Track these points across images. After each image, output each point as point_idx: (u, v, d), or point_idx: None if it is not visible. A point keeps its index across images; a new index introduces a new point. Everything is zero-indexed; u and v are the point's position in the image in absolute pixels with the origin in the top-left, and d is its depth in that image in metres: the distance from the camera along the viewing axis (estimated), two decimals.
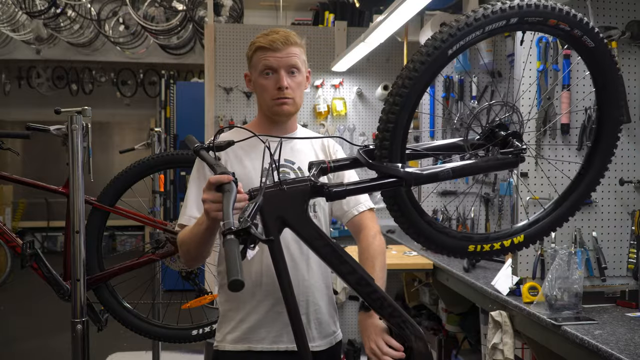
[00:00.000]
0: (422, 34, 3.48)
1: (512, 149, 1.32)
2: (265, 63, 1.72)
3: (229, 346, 1.73)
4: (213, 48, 4.69)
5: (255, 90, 1.81)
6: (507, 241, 1.40)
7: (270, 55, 1.71)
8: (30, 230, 8.95)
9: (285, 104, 1.74)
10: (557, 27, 1.23)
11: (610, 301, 2.21)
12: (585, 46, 1.27)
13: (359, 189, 1.36)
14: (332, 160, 1.43)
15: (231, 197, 1.25)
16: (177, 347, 3.61)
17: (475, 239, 1.38)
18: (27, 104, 9.35)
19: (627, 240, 2.27)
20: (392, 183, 1.27)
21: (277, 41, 1.71)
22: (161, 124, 7.33)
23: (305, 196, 1.36)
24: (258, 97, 1.81)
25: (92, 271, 2.52)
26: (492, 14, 1.17)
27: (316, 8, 5.77)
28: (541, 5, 1.20)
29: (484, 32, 1.18)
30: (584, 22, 1.24)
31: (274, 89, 1.73)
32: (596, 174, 1.44)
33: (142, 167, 2.64)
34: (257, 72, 1.75)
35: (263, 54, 1.72)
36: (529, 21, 1.21)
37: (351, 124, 4.77)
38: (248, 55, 1.79)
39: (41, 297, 3.81)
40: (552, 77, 2.24)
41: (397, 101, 1.20)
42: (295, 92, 1.75)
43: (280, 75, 1.72)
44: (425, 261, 3.28)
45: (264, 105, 1.78)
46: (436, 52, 1.17)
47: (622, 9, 2.26)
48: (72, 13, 7.52)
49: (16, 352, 4.81)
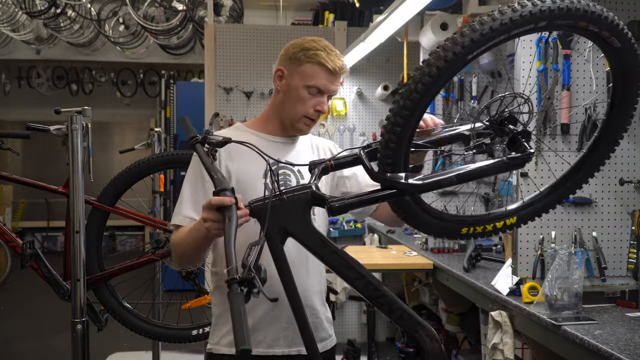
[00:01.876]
0: (422, 34, 3.48)
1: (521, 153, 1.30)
2: (319, 82, 1.67)
3: (224, 349, 1.69)
4: (213, 48, 4.69)
5: (286, 93, 1.72)
6: (499, 223, 1.40)
7: (328, 79, 1.68)
8: (30, 230, 8.96)
9: (309, 125, 1.74)
10: (587, 29, 1.18)
11: (610, 301, 2.21)
12: (612, 46, 1.23)
13: (362, 201, 1.34)
14: (332, 158, 1.42)
15: (232, 226, 1.23)
16: (177, 347, 3.61)
17: (468, 222, 1.38)
18: (27, 104, 9.35)
19: (627, 240, 2.27)
20: (393, 194, 1.26)
21: (338, 67, 1.68)
22: (161, 124, 7.32)
23: (307, 205, 1.34)
24: (286, 103, 1.72)
25: (92, 271, 2.51)
26: (520, 17, 1.08)
27: (316, 8, 5.78)
28: (573, 8, 1.12)
29: (509, 36, 1.11)
30: (615, 23, 1.19)
31: (312, 108, 1.69)
32: (597, 161, 1.43)
33: (142, 167, 2.64)
34: (302, 83, 1.68)
35: (321, 71, 1.67)
36: (558, 24, 1.15)
37: (351, 124, 4.77)
38: (297, 58, 1.69)
39: (41, 297, 3.81)
40: (552, 77, 2.24)
41: (407, 105, 1.15)
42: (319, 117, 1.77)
43: (324, 101, 1.70)
44: (425, 261, 3.28)
45: (290, 114, 1.72)
46: (455, 58, 1.09)
47: (622, 9, 2.26)
48: (72, 13, 7.51)
49: (16, 352, 4.81)
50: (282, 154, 1.73)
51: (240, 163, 1.71)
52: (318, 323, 1.73)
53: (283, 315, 1.65)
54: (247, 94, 4.71)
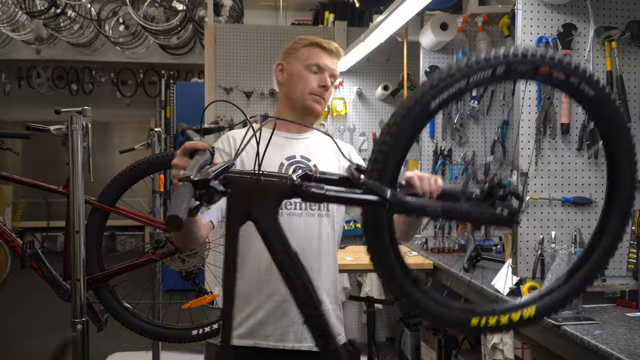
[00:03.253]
0: (422, 34, 3.48)
1: (510, 209, 1.23)
2: (317, 60, 1.78)
3: (235, 341, 1.73)
4: (213, 48, 4.69)
5: (289, 81, 1.82)
6: (516, 314, 1.25)
7: (325, 56, 1.79)
8: (30, 230, 8.99)
9: (319, 102, 1.80)
10: (551, 75, 1.13)
11: (610, 301, 2.21)
12: (584, 95, 1.17)
13: (339, 197, 1.25)
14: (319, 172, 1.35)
15: (201, 159, 1.17)
16: (177, 347, 3.61)
17: (479, 311, 1.24)
18: (27, 104, 9.35)
19: (627, 240, 2.27)
20: (374, 201, 1.17)
21: (333, 47, 1.81)
22: (161, 124, 7.32)
23: (281, 194, 1.24)
24: (291, 88, 1.82)
25: (92, 271, 2.51)
26: (476, 63, 1.08)
27: (316, 8, 5.78)
28: (529, 54, 1.10)
29: (468, 83, 1.09)
30: (580, 69, 1.14)
31: (317, 85, 1.78)
32: (612, 239, 1.31)
33: (142, 167, 2.63)
34: (302, 65, 1.79)
35: (318, 51, 1.79)
36: (518, 70, 1.11)
37: (351, 124, 4.77)
38: (293, 47, 1.83)
39: (41, 297, 3.81)
40: None
41: (381, 152, 1.13)
42: (327, 98, 1.83)
43: (326, 77, 1.79)
44: (425, 261, 3.28)
45: (298, 96, 1.80)
46: (416, 105, 1.10)
47: (622, 9, 2.26)
48: (72, 13, 7.52)
49: (16, 352, 4.81)
50: (299, 148, 1.81)
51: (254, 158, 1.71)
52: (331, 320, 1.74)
53: (292, 310, 1.65)
54: (247, 94, 4.71)
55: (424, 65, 3.52)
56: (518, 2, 2.26)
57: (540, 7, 2.26)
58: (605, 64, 2.26)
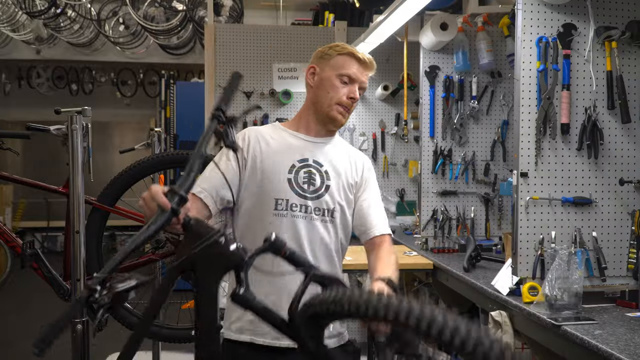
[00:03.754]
0: (422, 34, 3.47)
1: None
2: (350, 70, 1.80)
3: (233, 335, 1.78)
4: (213, 48, 4.69)
5: (318, 86, 1.83)
6: None
7: (358, 68, 1.81)
8: (30, 230, 8.99)
9: (343, 114, 1.82)
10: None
11: (610, 301, 2.21)
12: None
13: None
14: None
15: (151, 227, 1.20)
16: (177, 347, 3.61)
17: None
18: (27, 104, 9.35)
19: (627, 240, 2.27)
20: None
21: (367, 60, 1.83)
22: (161, 124, 7.33)
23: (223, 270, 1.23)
24: (320, 94, 1.83)
25: (92, 271, 2.51)
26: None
27: (316, 8, 5.78)
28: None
29: None
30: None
31: (345, 95, 1.80)
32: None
33: (142, 167, 2.64)
34: (335, 73, 1.81)
35: (352, 62, 1.81)
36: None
37: (351, 124, 4.77)
38: (328, 53, 1.84)
39: (41, 297, 3.81)
40: (552, 77, 2.24)
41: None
42: (352, 110, 1.85)
43: (355, 88, 1.81)
44: (425, 261, 3.28)
45: (325, 103, 1.82)
46: None
47: (622, 9, 2.26)
48: (72, 13, 7.52)
49: (16, 352, 4.81)
50: (314, 152, 1.84)
51: (269, 155, 1.80)
52: None
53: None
54: (247, 94, 4.71)
55: (424, 65, 3.52)
56: (518, 2, 2.26)
57: (540, 7, 2.26)
58: (605, 64, 2.26)
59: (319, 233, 1.79)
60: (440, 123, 3.51)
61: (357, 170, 1.89)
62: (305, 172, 1.80)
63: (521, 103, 2.27)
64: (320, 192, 1.81)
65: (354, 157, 1.91)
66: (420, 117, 3.57)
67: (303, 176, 1.80)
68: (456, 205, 3.53)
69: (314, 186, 1.80)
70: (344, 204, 1.83)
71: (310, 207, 1.79)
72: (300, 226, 1.77)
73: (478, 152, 3.53)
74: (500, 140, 3.50)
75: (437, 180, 3.54)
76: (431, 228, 3.51)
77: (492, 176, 3.53)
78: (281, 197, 1.77)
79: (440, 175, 3.54)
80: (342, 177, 1.85)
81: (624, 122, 2.23)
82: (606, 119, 2.27)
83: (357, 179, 1.88)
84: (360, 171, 1.89)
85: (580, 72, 2.27)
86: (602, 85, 2.27)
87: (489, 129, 3.53)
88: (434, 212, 3.52)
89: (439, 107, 3.51)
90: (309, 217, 1.78)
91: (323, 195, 1.81)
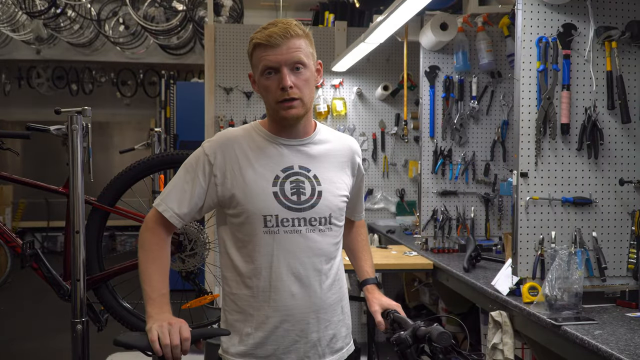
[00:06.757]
0: (422, 34, 3.48)
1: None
2: (265, 63, 1.55)
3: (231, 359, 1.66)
4: (213, 48, 4.69)
5: (260, 92, 1.63)
6: None
7: (270, 53, 1.54)
8: (30, 230, 8.99)
9: (292, 107, 1.56)
10: None
11: (610, 301, 2.21)
12: None
13: None
14: None
15: None
16: None
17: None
18: (27, 104, 9.35)
19: (627, 240, 2.27)
20: None
21: (275, 35, 1.53)
22: (161, 124, 7.32)
23: None
24: (264, 99, 1.63)
25: (92, 271, 2.51)
26: None
27: (316, 8, 5.77)
28: None
29: None
30: None
31: (278, 89, 1.55)
32: None
33: (142, 167, 2.63)
34: (259, 73, 1.58)
35: (262, 52, 1.55)
36: None
37: (351, 124, 4.77)
38: (249, 53, 1.62)
39: (41, 297, 3.81)
40: (552, 77, 2.24)
41: None
42: (302, 91, 1.57)
43: (282, 74, 1.54)
44: (425, 261, 3.28)
45: (270, 108, 1.61)
46: None
47: (622, 9, 2.26)
48: (72, 13, 7.51)
49: (16, 352, 4.81)
50: (297, 157, 1.65)
51: (252, 168, 1.62)
52: (334, 334, 1.71)
53: (294, 329, 1.62)
54: (247, 94, 4.71)
55: (424, 65, 3.52)
56: (518, 2, 2.26)
57: (540, 7, 2.26)
58: (605, 64, 2.26)
59: (316, 244, 1.63)
60: (440, 123, 3.51)
61: (349, 161, 1.74)
62: (292, 182, 1.61)
63: (521, 103, 2.27)
64: (312, 202, 1.62)
65: (342, 148, 1.73)
66: (420, 117, 3.57)
67: (290, 187, 1.60)
68: (456, 205, 3.53)
69: (304, 196, 1.61)
70: (341, 205, 1.69)
71: (303, 219, 1.61)
72: (294, 241, 1.61)
73: (478, 152, 3.54)
74: (500, 140, 3.50)
75: (437, 180, 3.54)
76: (431, 228, 3.52)
77: (492, 176, 3.53)
78: (269, 213, 1.58)
79: (440, 175, 3.54)
80: (335, 177, 1.68)
81: (624, 122, 2.23)
82: (606, 119, 2.27)
83: (351, 171, 1.75)
84: (353, 162, 1.75)
85: (580, 72, 2.27)
86: (602, 85, 2.27)
87: (489, 129, 3.53)
88: (434, 212, 3.52)
89: (439, 107, 3.51)
90: (303, 230, 1.61)
91: (316, 203, 1.62)
